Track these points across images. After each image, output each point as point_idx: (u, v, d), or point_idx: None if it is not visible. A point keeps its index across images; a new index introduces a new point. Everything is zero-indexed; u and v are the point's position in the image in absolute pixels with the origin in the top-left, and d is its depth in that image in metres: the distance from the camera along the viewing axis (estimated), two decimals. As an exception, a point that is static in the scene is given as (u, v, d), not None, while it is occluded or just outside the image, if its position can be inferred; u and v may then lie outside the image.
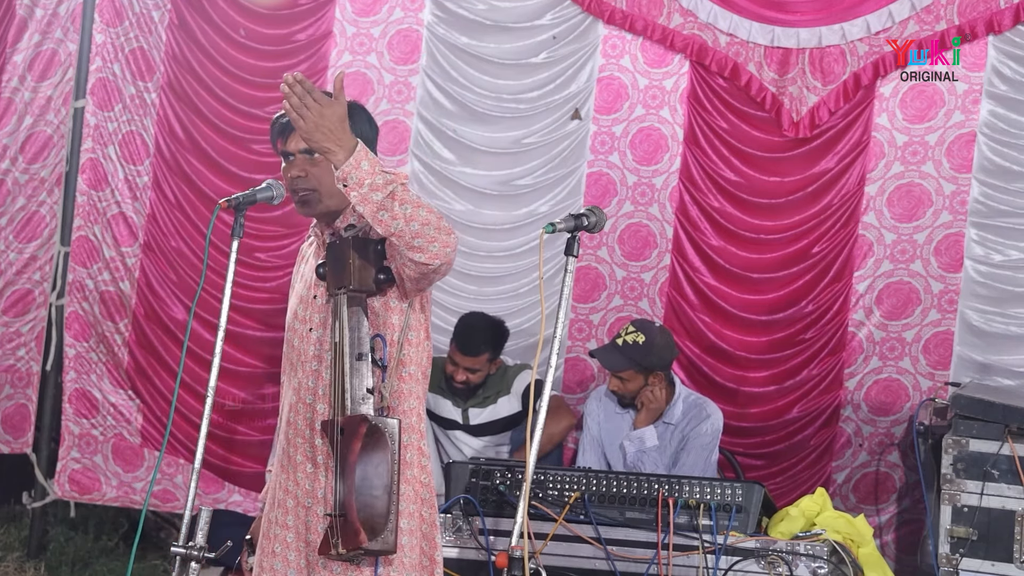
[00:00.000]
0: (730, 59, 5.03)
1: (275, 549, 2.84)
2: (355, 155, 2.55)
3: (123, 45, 5.33)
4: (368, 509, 2.64)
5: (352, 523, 2.63)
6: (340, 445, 2.68)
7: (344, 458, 2.67)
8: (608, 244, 5.16)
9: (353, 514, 2.63)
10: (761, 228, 5.04)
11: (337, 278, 2.75)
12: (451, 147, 5.24)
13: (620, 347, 4.44)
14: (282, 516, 2.85)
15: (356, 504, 2.64)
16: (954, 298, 4.90)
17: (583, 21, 5.14)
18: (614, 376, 4.49)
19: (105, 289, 5.35)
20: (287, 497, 2.85)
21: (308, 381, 2.83)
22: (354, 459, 2.65)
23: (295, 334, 2.89)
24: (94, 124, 5.33)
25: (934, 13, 4.86)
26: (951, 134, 4.92)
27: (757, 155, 5.03)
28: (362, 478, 2.65)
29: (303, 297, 2.90)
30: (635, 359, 4.40)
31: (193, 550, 2.59)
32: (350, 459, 2.66)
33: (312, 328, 2.85)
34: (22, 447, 5.42)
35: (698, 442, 4.40)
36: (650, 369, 4.44)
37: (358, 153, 2.56)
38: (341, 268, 2.74)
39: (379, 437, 2.67)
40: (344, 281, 2.73)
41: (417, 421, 2.85)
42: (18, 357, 5.41)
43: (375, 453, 2.66)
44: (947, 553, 4.10)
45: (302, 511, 2.82)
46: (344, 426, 2.68)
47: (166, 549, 5.09)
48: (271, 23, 5.29)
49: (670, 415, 4.47)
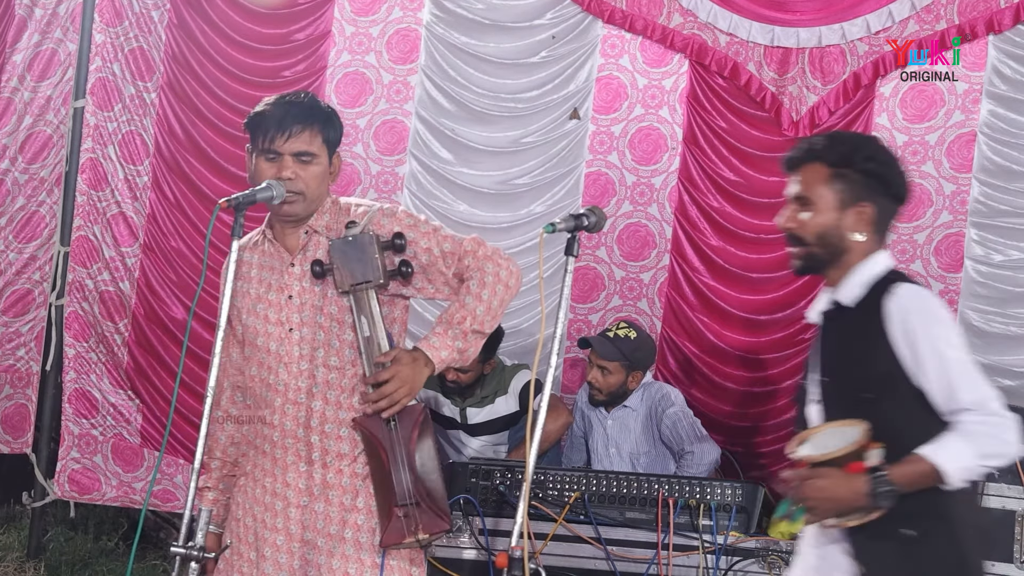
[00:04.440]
0: (730, 59, 5.03)
1: (265, 553, 2.85)
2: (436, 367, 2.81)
3: (123, 45, 5.33)
4: (436, 493, 2.76)
5: (429, 510, 2.73)
6: (399, 433, 2.76)
7: (405, 446, 2.75)
8: (607, 244, 5.16)
9: (428, 501, 2.73)
10: (760, 228, 5.04)
11: (358, 273, 2.80)
12: (450, 147, 5.24)
13: (611, 339, 4.62)
14: (270, 519, 2.86)
15: (427, 490, 2.74)
16: (954, 298, 4.90)
17: (582, 20, 5.14)
18: (597, 367, 4.62)
19: (105, 289, 5.34)
20: (275, 500, 2.86)
21: (298, 381, 2.84)
22: (414, 446, 2.76)
23: (269, 338, 2.88)
24: (94, 124, 5.33)
25: (934, 13, 4.86)
26: (951, 134, 4.92)
27: (757, 155, 5.03)
28: (421, 465, 2.76)
29: (273, 301, 2.90)
30: (624, 352, 4.57)
31: (193, 550, 2.58)
32: (410, 447, 2.75)
33: (292, 328, 2.86)
34: (22, 447, 5.41)
35: (679, 426, 4.56)
36: (634, 365, 4.61)
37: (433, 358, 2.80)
38: (364, 263, 2.80)
39: (428, 422, 2.80)
40: (370, 275, 2.80)
41: None
42: (18, 357, 5.41)
43: (426, 439, 2.78)
44: (947, 553, 4.09)
45: (295, 511, 2.84)
46: (400, 415, 2.76)
47: (166, 549, 5.08)
48: (270, 23, 5.28)
49: (630, 400, 4.66)
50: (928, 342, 2.52)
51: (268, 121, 2.87)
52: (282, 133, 2.83)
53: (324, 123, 2.88)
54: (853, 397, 2.60)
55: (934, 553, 2.54)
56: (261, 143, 2.87)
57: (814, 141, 2.75)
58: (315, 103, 2.92)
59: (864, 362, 2.60)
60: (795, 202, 2.75)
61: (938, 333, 2.53)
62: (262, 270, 2.94)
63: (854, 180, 2.68)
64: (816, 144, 2.74)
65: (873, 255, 2.70)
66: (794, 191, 2.75)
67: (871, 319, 2.59)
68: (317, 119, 2.87)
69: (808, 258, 2.74)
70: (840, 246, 2.69)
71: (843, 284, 2.70)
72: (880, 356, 2.56)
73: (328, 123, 2.90)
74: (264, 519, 2.86)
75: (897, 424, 2.53)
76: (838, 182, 2.69)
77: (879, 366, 2.56)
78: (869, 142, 2.76)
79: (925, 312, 2.55)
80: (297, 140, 2.84)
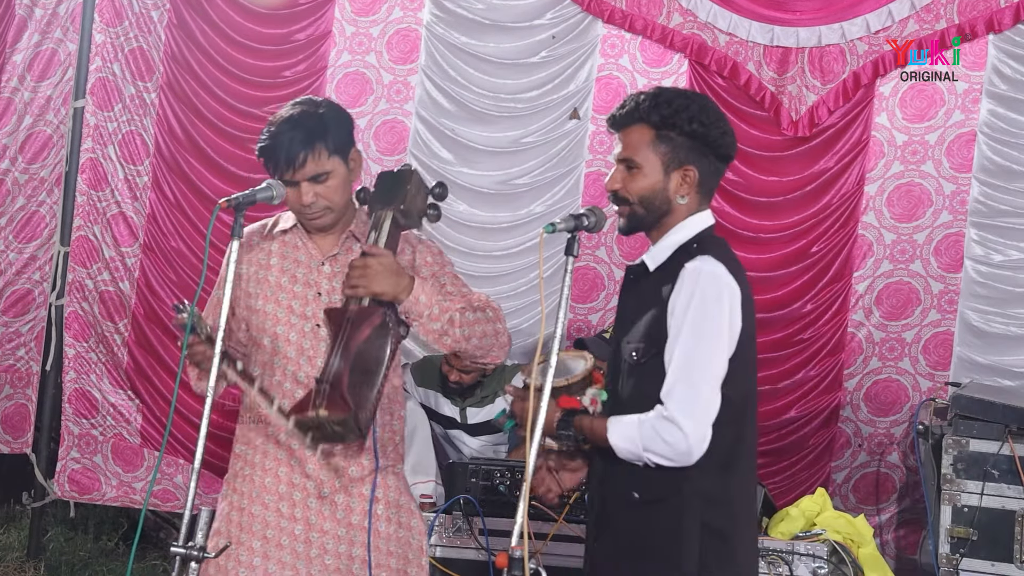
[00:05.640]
0: (729, 58, 5.03)
1: (281, 542, 2.90)
2: (413, 292, 2.78)
3: (123, 45, 5.33)
4: (358, 388, 2.71)
5: (339, 396, 2.69)
6: (348, 328, 2.75)
7: (348, 340, 2.73)
8: (606, 244, 5.16)
9: (344, 386, 2.69)
10: (760, 228, 5.04)
11: (386, 198, 2.85)
12: (449, 147, 5.24)
13: (608, 340, 4.53)
14: (287, 509, 2.91)
15: (349, 379, 2.70)
16: (954, 298, 4.90)
17: (582, 20, 5.14)
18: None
19: (105, 289, 5.34)
20: (292, 491, 2.91)
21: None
22: (354, 342, 2.73)
23: (291, 328, 2.92)
24: (94, 124, 5.33)
25: (934, 12, 4.86)
26: (951, 134, 4.91)
27: (756, 154, 5.03)
28: (358, 360, 2.72)
29: (299, 293, 2.94)
30: None
31: (193, 550, 2.59)
32: (352, 342, 2.73)
33: (320, 324, 2.90)
34: (22, 447, 5.41)
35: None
36: None
37: (416, 290, 2.79)
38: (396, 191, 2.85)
39: (386, 332, 2.75)
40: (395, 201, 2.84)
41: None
42: (18, 357, 5.41)
43: (377, 341, 2.74)
44: (947, 553, 4.10)
45: (315, 502, 2.90)
46: (357, 314, 2.76)
47: (166, 549, 5.07)
48: (270, 23, 5.28)
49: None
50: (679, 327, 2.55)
51: (276, 155, 2.88)
52: (290, 167, 2.86)
53: (326, 137, 2.88)
54: (626, 356, 2.67)
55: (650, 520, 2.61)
56: (276, 176, 2.90)
57: (640, 100, 2.71)
58: (313, 119, 2.90)
59: (641, 326, 2.65)
60: (620, 164, 2.74)
61: (692, 320, 2.55)
62: (284, 260, 2.98)
63: (678, 143, 2.68)
64: (641, 104, 2.70)
65: (689, 217, 2.71)
66: (619, 153, 2.74)
67: (660, 286, 2.63)
68: (318, 137, 2.86)
69: (631, 218, 2.75)
70: (663, 208, 2.70)
71: (656, 245, 2.73)
72: (655, 324, 2.61)
73: (331, 133, 2.89)
74: (279, 508, 2.91)
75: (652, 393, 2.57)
76: (662, 144, 2.68)
77: (651, 333, 2.61)
78: (693, 102, 2.71)
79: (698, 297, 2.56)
80: (306, 168, 2.86)
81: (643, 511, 2.62)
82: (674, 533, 2.59)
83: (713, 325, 2.56)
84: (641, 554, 2.63)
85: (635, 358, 2.64)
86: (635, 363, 2.65)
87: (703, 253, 2.63)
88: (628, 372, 2.67)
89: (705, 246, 2.66)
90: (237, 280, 2.90)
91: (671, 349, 2.56)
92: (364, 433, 2.77)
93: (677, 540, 2.58)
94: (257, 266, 2.99)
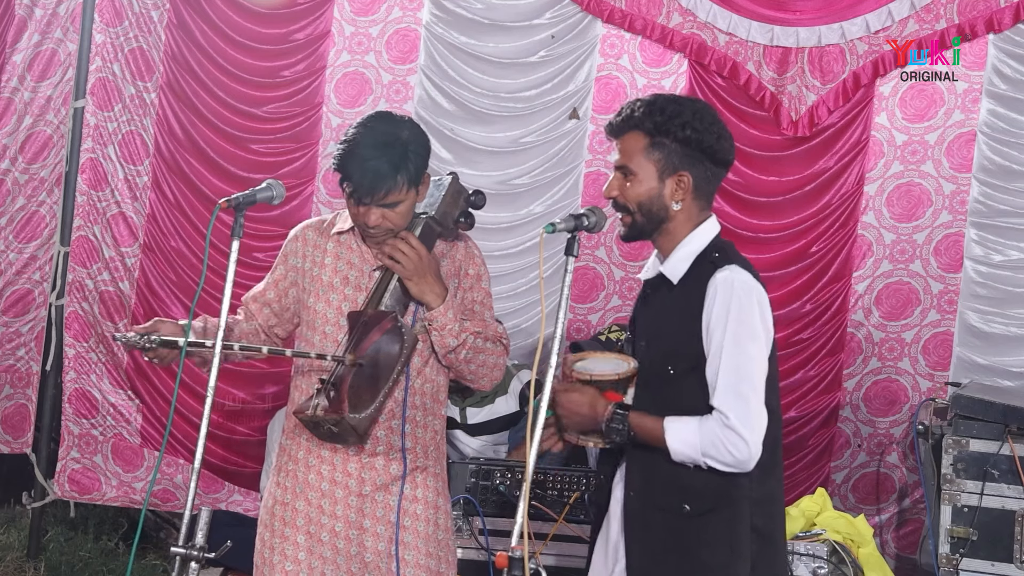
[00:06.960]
0: (729, 58, 5.03)
1: (322, 538, 2.97)
2: (445, 304, 2.91)
3: (123, 45, 5.32)
4: (359, 390, 2.76)
5: (340, 394, 2.74)
6: (359, 331, 2.81)
7: (358, 343, 2.79)
8: (606, 244, 5.16)
9: (344, 387, 2.74)
10: (759, 227, 5.04)
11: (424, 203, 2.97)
12: (449, 146, 5.24)
13: (604, 343, 4.62)
14: (328, 506, 2.97)
15: (351, 382, 2.75)
16: (953, 298, 4.90)
17: (582, 20, 5.14)
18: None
19: (105, 289, 5.34)
20: (334, 488, 2.98)
21: None
22: (365, 345, 2.78)
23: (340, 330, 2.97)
24: (94, 124, 5.33)
25: (934, 12, 4.86)
26: (951, 133, 4.92)
27: (756, 154, 5.03)
28: (365, 365, 2.78)
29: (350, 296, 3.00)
30: None
31: (193, 550, 2.59)
32: (363, 344, 2.78)
33: None
34: (22, 447, 5.41)
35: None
36: None
37: (447, 303, 2.91)
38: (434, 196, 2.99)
39: (397, 336, 2.82)
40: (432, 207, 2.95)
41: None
42: (18, 357, 5.41)
43: (389, 346, 2.80)
44: (947, 553, 4.11)
45: (355, 499, 2.96)
46: (370, 318, 2.83)
47: (166, 549, 5.08)
48: (270, 22, 5.28)
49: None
50: (721, 338, 2.58)
51: (357, 181, 2.88)
52: (370, 196, 2.88)
53: (409, 168, 2.88)
54: (660, 367, 2.67)
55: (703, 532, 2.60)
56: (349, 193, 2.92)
57: (635, 108, 2.75)
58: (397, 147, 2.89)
59: (676, 339, 2.67)
60: (618, 171, 2.77)
61: (733, 331, 2.58)
62: (338, 260, 3.04)
63: (671, 149, 2.71)
64: (636, 112, 2.74)
65: (700, 225, 2.75)
66: (616, 160, 2.77)
67: (690, 298, 2.65)
68: (401, 169, 2.87)
69: (632, 226, 2.78)
70: (661, 215, 2.73)
71: (671, 257, 2.75)
72: (691, 336, 2.63)
73: (412, 164, 2.89)
74: (321, 505, 2.98)
75: (691, 403, 2.60)
76: (656, 151, 2.71)
77: (688, 346, 2.63)
78: (686, 108, 2.74)
79: (735, 307, 2.60)
80: (386, 199, 2.88)
81: (694, 523, 2.61)
82: (728, 541, 2.61)
83: (753, 333, 2.61)
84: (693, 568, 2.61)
85: (674, 371, 2.65)
86: (675, 376, 2.65)
87: (728, 263, 2.67)
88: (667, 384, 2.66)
89: (727, 255, 2.71)
90: (294, 272, 3.04)
91: (715, 360, 2.58)
92: (363, 436, 2.80)
93: (731, 547, 2.60)
94: (312, 263, 3.05)
